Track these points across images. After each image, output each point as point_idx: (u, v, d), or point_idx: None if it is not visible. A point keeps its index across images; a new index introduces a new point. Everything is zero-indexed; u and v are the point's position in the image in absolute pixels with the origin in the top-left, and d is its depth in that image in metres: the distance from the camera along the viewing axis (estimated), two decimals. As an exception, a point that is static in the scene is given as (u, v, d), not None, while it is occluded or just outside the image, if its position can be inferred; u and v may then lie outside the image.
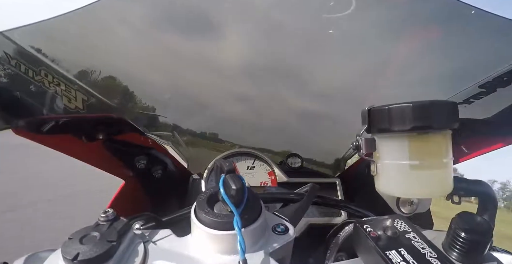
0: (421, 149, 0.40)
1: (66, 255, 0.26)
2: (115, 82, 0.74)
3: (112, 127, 0.60)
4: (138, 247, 0.31)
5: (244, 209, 0.31)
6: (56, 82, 0.62)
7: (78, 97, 0.66)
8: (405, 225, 0.36)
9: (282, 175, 0.81)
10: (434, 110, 0.38)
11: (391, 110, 0.40)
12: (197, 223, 0.31)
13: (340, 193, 0.80)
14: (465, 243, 0.31)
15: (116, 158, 0.65)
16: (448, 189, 0.41)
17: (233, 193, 0.30)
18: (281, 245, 0.33)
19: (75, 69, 0.64)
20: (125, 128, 0.62)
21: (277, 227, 0.35)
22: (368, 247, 0.33)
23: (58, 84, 0.62)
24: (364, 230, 0.34)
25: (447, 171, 0.41)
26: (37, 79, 0.59)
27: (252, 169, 0.83)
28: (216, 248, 0.31)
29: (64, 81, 0.60)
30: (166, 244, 0.33)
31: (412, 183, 0.41)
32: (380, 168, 0.44)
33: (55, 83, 0.62)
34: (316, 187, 0.49)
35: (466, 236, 0.31)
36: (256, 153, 0.84)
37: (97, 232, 0.29)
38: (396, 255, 0.30)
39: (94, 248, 0.27)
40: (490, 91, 0.60)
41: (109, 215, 0.31)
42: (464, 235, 0.31)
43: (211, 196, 0.35)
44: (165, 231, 0.35)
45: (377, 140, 0.43)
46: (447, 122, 0.39)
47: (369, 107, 0.43)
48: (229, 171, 0.32)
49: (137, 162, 0.66)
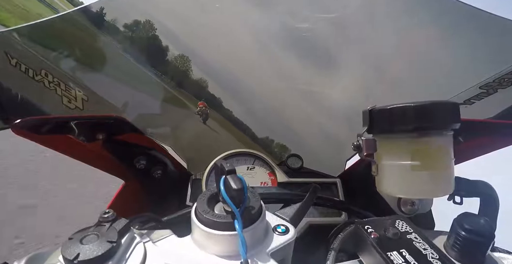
0: (422, 149, 0.40)
1: (66, 255, 0.26)
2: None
3: (112, 128, 0.59)
4: (138, 247, 0.31)
5: (244, 210, 0.31)
6: (56, 82, 0.62)
7: (78, 97, 0.65)
8: (406, 225, 0.35)
9: (283, 175, 0.81)
10: (436, 110, 0.38)
11: (392, 110, 0.40)
12: (198, 223, 0.31)
13: (340, 193, 0.79)
14: (466, 244, 0.31)
15: (116, 158, 0.64)
16: (449, 189, 0.41)
17: (233, 193, 0.30)
18: (282, 245, 0.33)
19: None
20: (125, 128, 0.62)
21: (278, 227, 0.35)
22: (369, 248, 0.33)
23: (58, 84, 0.62)
24: (365, 231, 0.34)
25: (448, 171, 0.41)
26: (37, 79, 0.59)
27: (252, 169, 0.83)
28: (216, 249, 0.31)
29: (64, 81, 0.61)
30: (166, 244, 0.33)
31: (413, 183, 0.41)
32: (381, 169, 0.44)
33: (55, 83, 0.62)
34: (317, 188, 0.49)
35: (467, 237, 0.31)
36: (256, 153, 0.84)
37: (97, 233, 0.29)
38: (397, 256, 0.30)
39: (94, 248, 0.27)
40: (491, 91, 0.60)
41: (109, 216, 0.31)
42: (466, 236, 0.31)
43: (212, 196, 0.34)
44: (165, 231, 0.35)
45: (378, 140, 0.43)
46: (448, 123, 0.39)
47: (370, 107, 0.42)
48: (230, 171, 0.31)
49: (137, 162, 0.66)
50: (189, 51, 0.89)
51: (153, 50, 0.88)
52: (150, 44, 0.87)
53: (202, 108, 0.99)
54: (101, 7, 0.73)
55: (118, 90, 0.81)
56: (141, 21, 0.81)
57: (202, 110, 0.98)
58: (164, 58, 0.89)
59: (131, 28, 0.80)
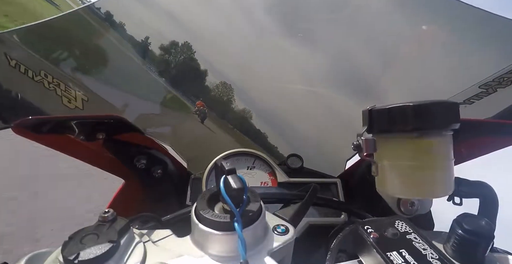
0: (422, 150, 0.40)
1: (66, 255, 0.26)
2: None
3: (112, 127, 0.59)
4: (138, 247, 0.31)
5: (244, 209, 0.31)
6: (55, 83, 0.62)
7: (78, 97, 0.66)
8: (406, 226, 0.35)
9: (283, 175, 0.81)
10: (435, 110, 0.38)
11: (392, 110, 0.40)
12: (198, 223, 0.31)
13: (340, 193, 0.79)
14: (466, 244, 0.31)
15: (116, 158, 0.64)
16: (449, 190, 0.41)
17: (233, 193, 0.30)
18: (281, 245, 0.33)
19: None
20: (125, 128, 0.62)
21: (278, 227, 0.35)
22: (369, 248, 0.33)
23: (58, 85, 0.62)
24: (365, 231, 0.34)
25: (448, 172, 0.41)
26: (36, 79, 0.59)
27: (252, 169, 0.83)
28: (216, 249, 0.31)
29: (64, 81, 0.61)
30: (166, 244, 0.33)
31: (413, 184, 0.41)
32: (381, 169, 0.44)
33: (55, 83, 0.62)
34: (316, 188, 0.49)
35: (467, 237, 0.31)
36: (256, 153, 0.84)
37: (97, 232, 0.29)
38: (397, 256, 0.30)
39: (94, 248, 0.27)
40: (490, 91, 0.60)
41: (109, 215, 0.31)
42: (465, 236, 0.31)
43: (212, 196, 0.34)
44: (165, 231, 0.35)
45: (378, 140, 0.43)
46: (448, 123, 0.39)
47: (370, 107, 0.42)
48: (230, 171, 0.31)
49: (137, 162, 0.66)
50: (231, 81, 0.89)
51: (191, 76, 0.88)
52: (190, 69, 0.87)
53: (200, 108, 0.98)
54: (146, 36, 0.74)
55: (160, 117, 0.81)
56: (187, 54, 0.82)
57: (200, 110, 0.98)
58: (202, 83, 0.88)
59: (171, 53, 0.81)
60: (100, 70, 0.75)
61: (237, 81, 0.91)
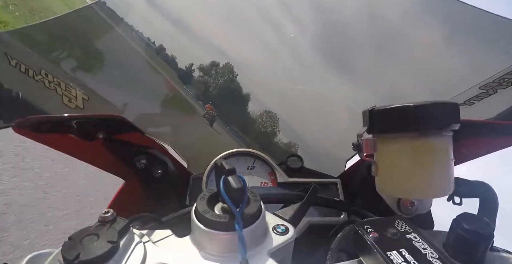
0: (422, 150, 0.40)
1: (66, 255, 0.26)
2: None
3: (112, 127, 0.59)
4: (138, 247, 0.31)
5: (244, 210, 0.31)
6: (56, 82, 0.62)
7: (79, 97, 0.66)
8: (405, 225, 0.35)
9: (283, 175, 0.81)
10: (435, 111, 0.38)
11: (392, 111, 0.40)
12: (197, 223, 0.31)
13: (340, 193, 0.79)
14: (466, 244, 0.31)
15: (116, 158, 0.64)
16: (449, 189, 0.41)
17: (233, 193, 0.30)
18: (281, 245, 0.33)
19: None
20: (125, 128, 0.62)
21: (278, 227, 0.35)
22: (369, 248, 0.33)
23: (58, 84, 0.62)
24: (365, 231, 0.34)
25: (448, 172, 0.41)
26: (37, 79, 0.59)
27: (252, 169, 0.83)
28: (216, 249, 0.31)
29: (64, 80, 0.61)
30: (166, 244, 0.33)
31: (412, 184, 0.41)
32: (381, 169, 0.44)
33: (55, 83, 0.62)
34: (316, 188, 0.49)
35: (467, 237, 0.31)
36: (256, 153, 0.84)
37: (97, 233, 0.29)
38: (397, 255, 0.30)
39: (95, 249, 0.27)
40: (491, 92, 0.60)
41: (109, 216, 0.31)
42: (465, 236, 0.31)
43: (212, 196, 0.34)
44: (165, 231, 0.35)
45: (378, 140, 0.43)
46: (448, 123, 0.39)
47: (370, 107, 0.42)
48: (230, 171, 0.31)
49: (137, 162, 0.66)
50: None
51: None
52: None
53: (209, 111, 0.98)
54: (190, 63, 0.75)
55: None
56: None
57: (209, 113, 0.98)
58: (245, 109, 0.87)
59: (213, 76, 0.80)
60: (108, 71, 0.75)
61: (279, 112, 0.89)
